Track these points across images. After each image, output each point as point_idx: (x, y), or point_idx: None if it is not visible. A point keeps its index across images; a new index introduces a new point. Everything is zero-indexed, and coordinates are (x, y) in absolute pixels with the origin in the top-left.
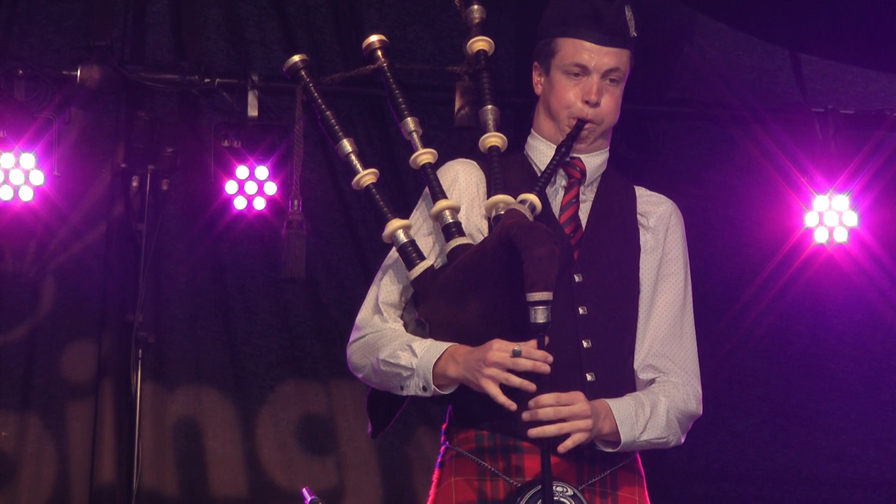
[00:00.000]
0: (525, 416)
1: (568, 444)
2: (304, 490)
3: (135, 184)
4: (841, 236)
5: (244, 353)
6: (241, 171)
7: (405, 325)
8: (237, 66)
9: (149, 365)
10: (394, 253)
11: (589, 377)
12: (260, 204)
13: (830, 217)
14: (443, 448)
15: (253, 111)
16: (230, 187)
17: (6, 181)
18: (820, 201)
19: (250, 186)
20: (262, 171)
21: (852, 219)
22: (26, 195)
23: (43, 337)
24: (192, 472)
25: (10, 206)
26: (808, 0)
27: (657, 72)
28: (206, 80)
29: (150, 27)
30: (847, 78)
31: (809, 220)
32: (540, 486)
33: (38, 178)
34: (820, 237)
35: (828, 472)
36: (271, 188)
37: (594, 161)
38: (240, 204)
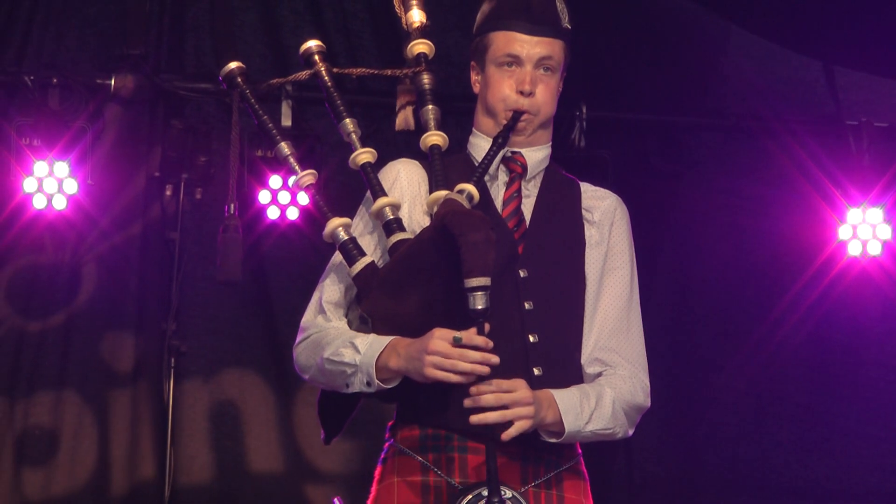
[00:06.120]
0: (467, 402)
1: (511, 431)
2: (335, 500)
3: (168, 192)
4: (874, 249)
5: (287, 356)
6: (275, 180)
7: (349, 324)
8: (274, 72)
9: (189, 361)
10: (337, 256)
11: (536, 372)
12: (293, 214)
13: (864, 230)
14: (387, 444)
15: (287, 120)
16: (263, 197)
17: (40, 190)
18: (853, 214)
19: (283, 196)
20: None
21: (886, 232)
22: (60, 204)
23: (79, 340)
24: (232, 469)
25: (43, 215)
26: (843, 12)
27: (692, 84)
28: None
29: (189, 31)
30: (882, 90)
31: (843, 232)
32: (479, 491)
33: (72, 186)
34: (853, 250)
35: (871, 481)
36: (304, 198)
37: (536, 155)
38: (273, 214)
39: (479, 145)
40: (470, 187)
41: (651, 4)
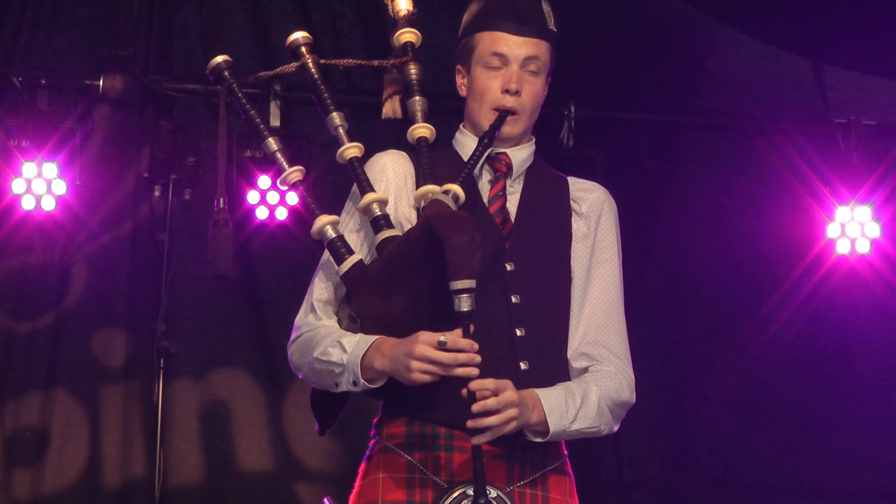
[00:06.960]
0: (475, 407)
1: (487, 420)
2: (325, 501)
3: (157, 193)
4: (863, 247)
5: (277, 356)
6: (264, 180)
7: (339, 322)
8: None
9: (178, 361)
10: (327, 253)
11: (523, 366)
12: (282, 214)
13: (853, 228)
14: (372, 441)
15: (275, 120)
16: (252, 197)
17: (28, 191)
18: (842, 212)
19: (272, 196)
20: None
21: (874, 230)
22: (48, 205)
23: (68, 341)
24: (223, 469)
25: (32, 216)
26: (831, 10)
27: (681, 83)
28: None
29: (178, 33)
30: (870, 88)
31: (832, 231)
32: (465, 490)
33: (61, 187)
34: (842, 248)
35: (863, 479)
36: (293, 198)
37: (520, 155)
38: (262, 214)
39: (465, 143)
40: (456, 188)
41: (640, 3)
